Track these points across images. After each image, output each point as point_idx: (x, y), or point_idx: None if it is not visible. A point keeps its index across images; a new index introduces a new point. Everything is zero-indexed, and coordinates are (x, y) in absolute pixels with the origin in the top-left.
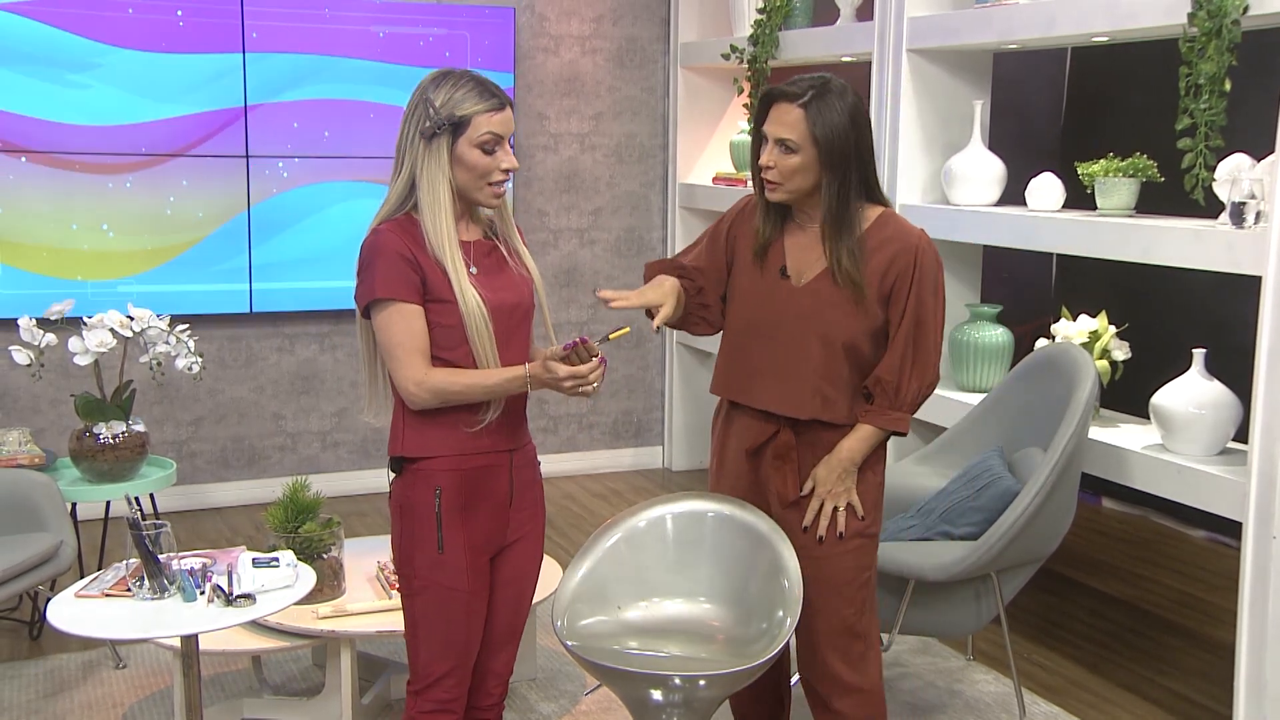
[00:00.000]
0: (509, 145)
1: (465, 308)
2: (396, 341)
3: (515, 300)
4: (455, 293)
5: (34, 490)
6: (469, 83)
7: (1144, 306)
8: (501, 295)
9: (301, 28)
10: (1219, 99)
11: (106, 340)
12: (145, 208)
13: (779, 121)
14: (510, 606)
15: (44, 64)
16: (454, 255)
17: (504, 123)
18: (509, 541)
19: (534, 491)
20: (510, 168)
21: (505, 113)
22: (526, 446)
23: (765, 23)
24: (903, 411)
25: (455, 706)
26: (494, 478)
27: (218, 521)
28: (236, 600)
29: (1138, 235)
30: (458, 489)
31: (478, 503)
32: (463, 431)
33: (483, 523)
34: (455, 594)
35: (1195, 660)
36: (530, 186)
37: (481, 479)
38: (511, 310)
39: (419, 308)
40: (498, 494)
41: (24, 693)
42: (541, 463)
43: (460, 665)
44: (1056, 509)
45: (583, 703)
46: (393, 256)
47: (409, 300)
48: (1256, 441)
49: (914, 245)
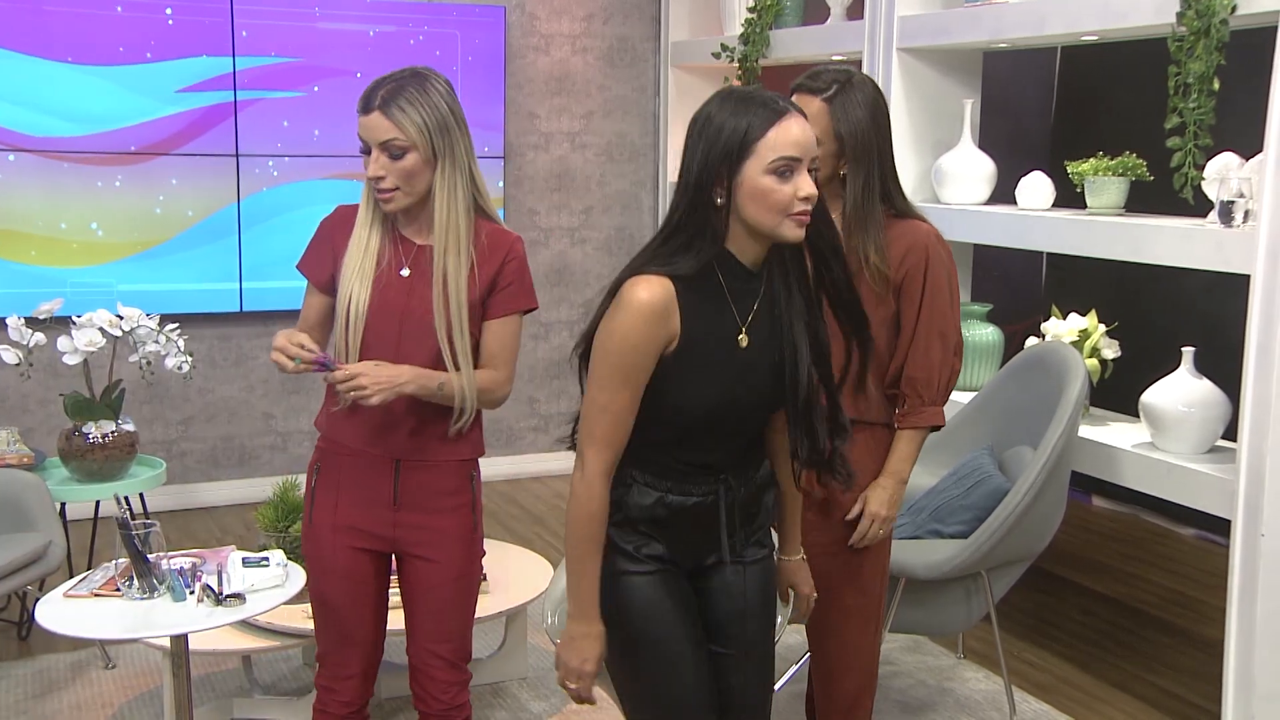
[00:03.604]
0: (377, 153)
1: (339, 297)
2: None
3: (407, 310)
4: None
5: (23, 490)
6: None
7: (1134, 305)
8: (400, 301)
9: (291, 26)
10: (1208, 98)
11: (96, 339)
12: (134, 206)
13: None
14: (426, 611)
15: (33, 61)
16: (356, 242)
17: (363, 128)
18: (411, 552)
19: (439, 511)
20: (372, 174)
21: (366, 118)
22: (434, 464)
23: (756, 22)
24: (938, 405)
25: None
26: (371, 474)
27: (208, 521)
28: (226, 600)
29: (1127, 234)
30: (329, 469)
31: (350, 491)
32: (346, 422)
33: (356, 512)
34: (321, 565)
35: (1185, 658)
36: (521, 185)
37: (353, 470)
38: (403, 317)
39: (318, 291)
40: (377, 491)
41: (12, 693)
42: (533, 461)
43: (337, 648)
44: (1046, 507)
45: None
46: (320, 234)
47: (312, 280)
48: (1245, 440)
49: (924, 239)
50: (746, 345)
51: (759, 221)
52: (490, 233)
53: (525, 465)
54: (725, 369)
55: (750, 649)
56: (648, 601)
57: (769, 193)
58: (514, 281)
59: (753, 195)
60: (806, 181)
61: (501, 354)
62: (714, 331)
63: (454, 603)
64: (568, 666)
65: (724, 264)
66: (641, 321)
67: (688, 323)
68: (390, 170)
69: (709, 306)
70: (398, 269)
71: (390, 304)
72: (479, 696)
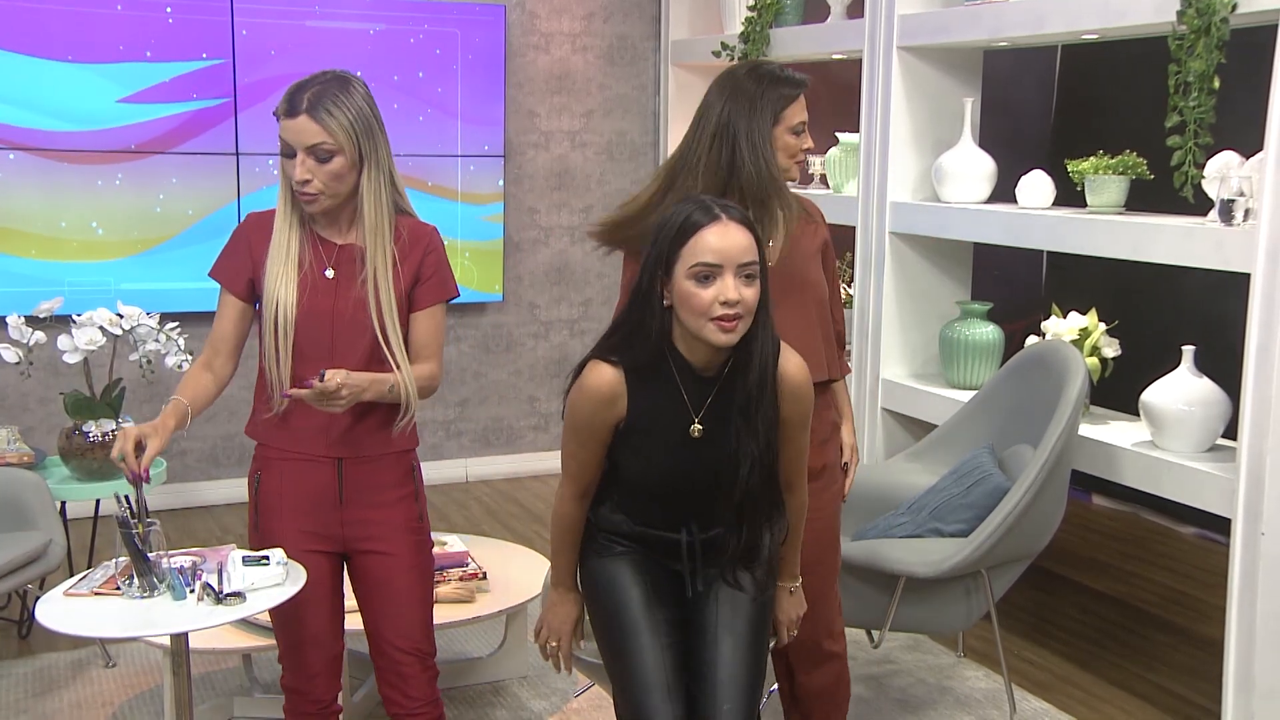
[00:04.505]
0: (303, 156)
1: (265, 301)
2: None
3: (337, 310)
4: (268, 286)
5: (23, 488)
6: (289, 88)
7: (1134, 303)
8: (327, 302)
9: (291, 25)
10: (1208, 96)
11: (96, 338)
12: (134, 205)
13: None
14: (386, 607)
15: (33, 60)
16: (277, 246)
17: (288, 131)
18: (361, 548)
19: (384, 505)
20: (298, 178)
21: (291, 121)
22: (375, 458)
23: (756, 20)
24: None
25: (300, 699)
26: (314, 475)
27: (208, 519)
28: (226, 598)
29: (1127, 233)
30: (271, 476)
31: (294, 494)
32: (282, 427)
33: (302, 515)
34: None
35: (1184, 656)
36: (521, 184)
37: (295, 474)
38: (334, 319)
39: (234, 299)
40: (320, 491)
41: (13, 692)
42: (533, 460)
43: (297, 650)
44: (1046, 506)
45: (573, 701)
46: (236, 241)
47: (228, 288)
48: (1245, 438)
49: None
50: (700, 434)
51: (686, 323)
52: (410, 227)
53: (525, 464)
54: (676, 452)
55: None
56: (612, 573)
57: (689, 297)
58: (435, 273)
59: (679, 298)
60: (728, 287)
61: (430, 345)
62: (663, 418)
63: (411, 594)
64: (550, 626)
65: (675, 358)
66: (588, 403)
67: (634, 408)
68: (317, 173)
69: (659, 395)
70: (321, 270)
71: (319, 306)
72: (479, 695)
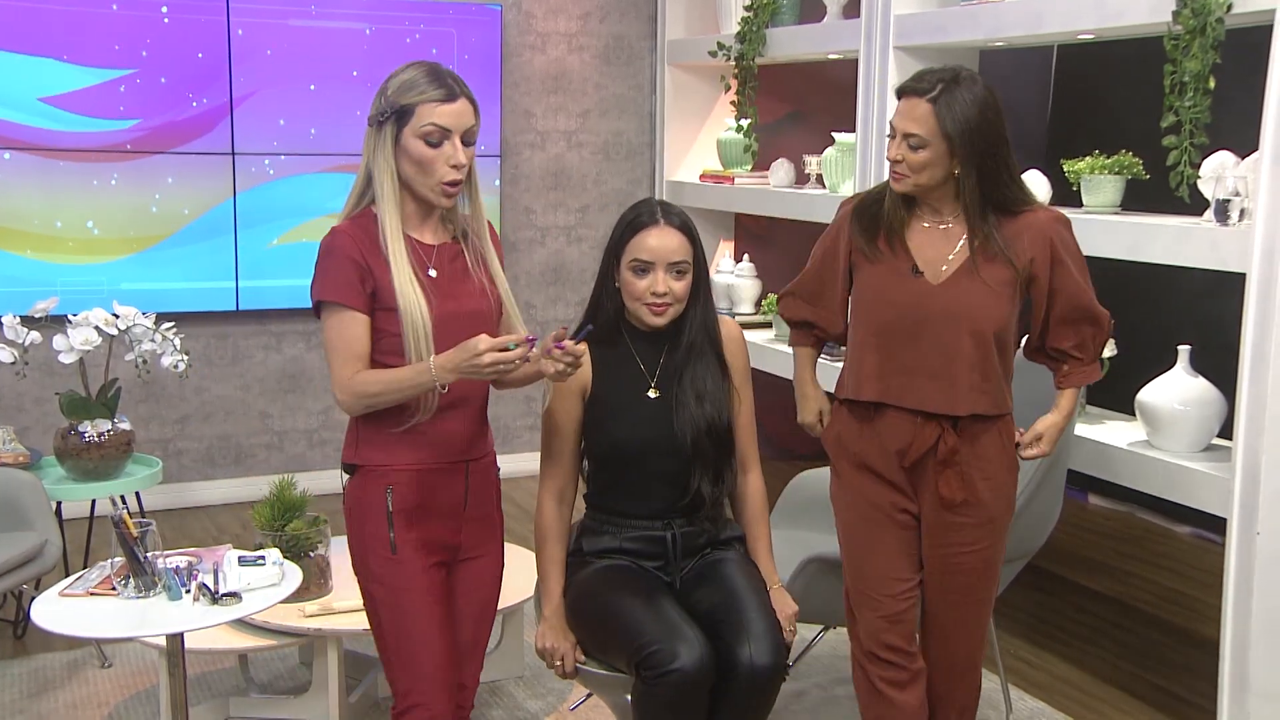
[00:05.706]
0: (459, 142)
1: (402, 310)
2: (332, 346)
3: (473, 309)
4: (396, 294)
5: (18, 489)
6: (423, 71)
7: (1130, 303)
8: (458, 303)
9: (287, 24)
10: (1203, 96)
11: (91, 338)
12: (130, 204)
13: (907, 116)
14: (472, 619)
15: (29, 59)
16: (397, 255)
17: (452, 115)
18: (467, 555)
19: (490, 502)
20: (456, 164)
21: (455, 105)
22: (485, 458)
23: (752, 20)
24: (1095, 364)
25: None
26: (447, 484)
27: (204, 520)
28: (222, 599)
29: (1123, 232)
30: (408, 490)
31: (429, 506)
32: (411, 439)
33: (435, 526)
34: (410, 595)
35: (1180, 656)
36: (517, 184)
37: (433, 484)
38: (469, 318)
39: (360, 314)
40: (450, 500)
41: (8, 692)
42: (529, 460)
43: (432, 677)
44: (1043, 506)
45: (571, 701)
46: (342, 259)
47: (350, 305)
48: (1241, 438)
49: (1044, 222)
50: (656, 397)
51: (627, 303)
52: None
53: (521, 464)
54: (634, 415)
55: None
56: (598, 579)
57: (628, 284)
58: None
59: (623, 284)
60: (659, 280)
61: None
62: (621, 383)
63: (494, 603)
64: (547, 650)
65: (629, 329)
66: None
67: (598, 375)
68: (469, 159)
69: (617, 362)
70: (425, 271)
71: (443, 307)
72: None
